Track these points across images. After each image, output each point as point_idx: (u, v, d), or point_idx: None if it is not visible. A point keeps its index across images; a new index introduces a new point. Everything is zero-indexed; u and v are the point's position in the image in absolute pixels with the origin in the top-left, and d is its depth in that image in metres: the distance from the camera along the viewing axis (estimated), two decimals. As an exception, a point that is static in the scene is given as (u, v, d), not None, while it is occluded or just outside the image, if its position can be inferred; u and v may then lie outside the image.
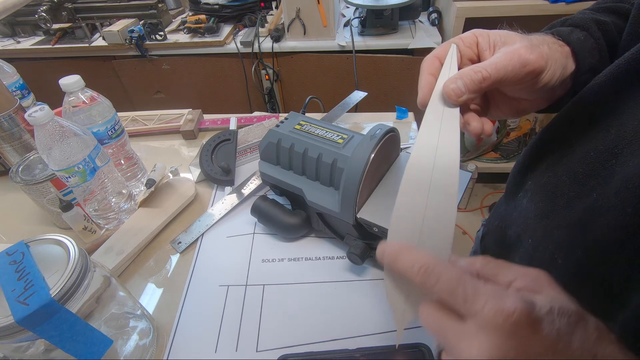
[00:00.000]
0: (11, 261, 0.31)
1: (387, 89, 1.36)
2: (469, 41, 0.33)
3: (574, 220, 0.31)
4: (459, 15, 1.16)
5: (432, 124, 0.32)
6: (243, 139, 0.70)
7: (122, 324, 0.40)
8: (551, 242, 0.33)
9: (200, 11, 1.41)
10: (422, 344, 0.39)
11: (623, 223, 0.25)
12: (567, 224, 0.31)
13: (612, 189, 0.27)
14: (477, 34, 0.34)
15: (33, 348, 0.31)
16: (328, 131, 0.48)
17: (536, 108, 0.37)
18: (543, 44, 0.32)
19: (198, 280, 0.49)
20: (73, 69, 1.34)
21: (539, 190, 0.36)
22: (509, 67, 0.29)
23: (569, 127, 0.35)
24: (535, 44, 0.31)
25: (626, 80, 0.30)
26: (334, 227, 0.50)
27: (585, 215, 0.29)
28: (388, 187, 0.46)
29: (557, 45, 0.33)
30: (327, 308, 0.44)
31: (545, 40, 0.33)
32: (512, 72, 0.29)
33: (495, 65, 0.29)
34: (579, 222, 0.30)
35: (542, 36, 0.33)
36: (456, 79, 0.30)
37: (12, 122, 0.61)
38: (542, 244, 0.34)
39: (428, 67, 0.34)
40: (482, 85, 0.29)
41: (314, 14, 1.22)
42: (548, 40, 0.33)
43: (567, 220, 0.31)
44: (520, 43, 0.31)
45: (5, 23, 1.42)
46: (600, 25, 0.34)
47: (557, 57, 0.32)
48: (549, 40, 0.33)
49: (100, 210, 0.55)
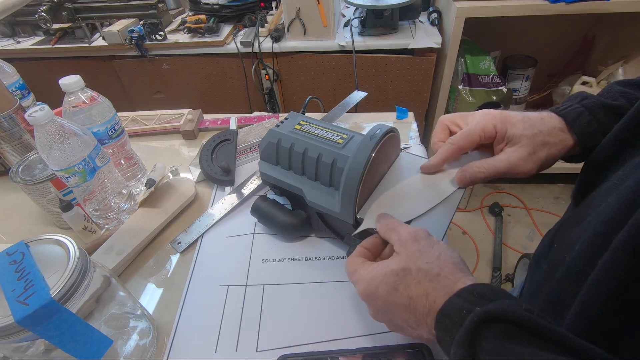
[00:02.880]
0: (11, 261, 0.31)
1: (387, 89, 1.36)
2: (489, 135, 0.42)
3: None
4: (459, 15, 1.16)
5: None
6: (243, 139, 0.70)
7: (122, 324, 0.40)
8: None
9: (200, 11, 1.41)
10: (422, 344, 0.39)
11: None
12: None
13: None
14: (498, 129, 0.42)
15: (33, 348, 0.31)
16: (328, 131, 0.48)
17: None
18: (543, 147, 0.40)
19: (198, 280, 0.49)
20: (73, 69, 1.34)
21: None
22: (504, 171, 0.41)
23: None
24: (536, 148, 0.40)
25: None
26: (334, 227, 0.50)
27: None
28: (388, 187, 0.46)
29: (560, 132, 0.41)
30: (327, 308, 0.44)
31: (551, 132, 0.41)
32: (506, 174, 0.41)
33: (495, 169, 0.41)
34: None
35: (551, 124, 0.41)
36: (465, 171, 0.43)
37: (12, 122, 0.61)
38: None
39: (440, 134, 0.47)
40: (480, 177, 0.42)
41: (314, 14, 1.22)
42: (554, 128, 0.41)
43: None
44: (523, 150, 0.40)
45: (5, 23, 1.42)
46: (612, 110, 0.40)
47: (554, 152, 0.41)
48: (556, 127, 0.41)
49: (100, 210, 0.55)
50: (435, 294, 0.30)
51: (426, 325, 0.30)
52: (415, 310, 0.31)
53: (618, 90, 0.42)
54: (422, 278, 0.31)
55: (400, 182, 0.47)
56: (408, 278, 0.32)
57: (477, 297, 0.27)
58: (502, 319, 0.25)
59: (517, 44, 1.57)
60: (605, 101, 0.41)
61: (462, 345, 0.25)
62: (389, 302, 0.32)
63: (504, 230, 1.56)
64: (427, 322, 0.30)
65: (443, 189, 0.45)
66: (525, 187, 1.75)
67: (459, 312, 0.27)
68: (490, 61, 1.37)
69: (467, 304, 0.27)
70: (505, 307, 0.25)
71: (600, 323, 0.28)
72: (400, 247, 0.35)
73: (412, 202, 0.44)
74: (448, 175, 0.46)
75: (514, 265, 1.40)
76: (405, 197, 0.45)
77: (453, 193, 0.44)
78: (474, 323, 0.25)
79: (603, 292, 0.27)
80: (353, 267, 0.37)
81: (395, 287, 0.32)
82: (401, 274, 0.32)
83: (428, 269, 0.32)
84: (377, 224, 0.40)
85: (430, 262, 0.32)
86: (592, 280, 0.28)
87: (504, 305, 0.25)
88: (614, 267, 0.26)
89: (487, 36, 1.47)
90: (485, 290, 0.28)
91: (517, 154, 0.40)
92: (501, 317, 0.25)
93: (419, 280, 0.31)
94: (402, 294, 0.32)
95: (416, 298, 0.31)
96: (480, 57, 1.37)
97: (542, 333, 0.24)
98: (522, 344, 0.24)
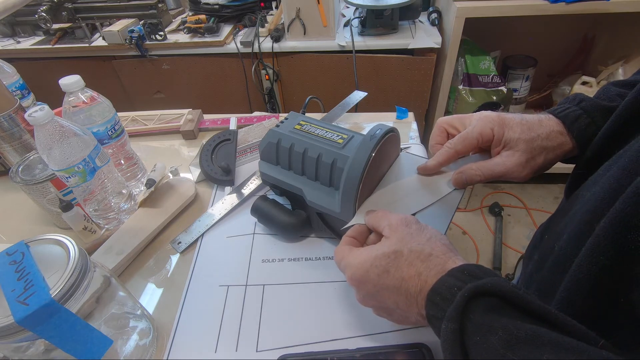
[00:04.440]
0: (11, 261, 0.31)
1: (387, 89, 1.36)
2: (487, 138, 0.43)
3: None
4: (459, 15, 1.16)
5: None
6: (243, 139, 0.70)
7: (122, 324, 0.40)
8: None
9: (200, 11, 1.41)
10: (422, 344, 0.39)
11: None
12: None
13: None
14: (495, 132, 0.42)
15: (33, 348, 0.31)
16: (328, 131, 0.48)
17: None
18: (541, 153, 0.41)
19: (198, 280, 0.49)
20: (73, 69, 1.34)
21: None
22: (500, 175, 0.42)
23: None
24: (534, 154, 0.41)
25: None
26: (334, 227, 0.50)
27: None
28: (388, 187, 0.46)
29: (559, 135, 0.41)
30: (327, 308, 0.44)
31: (550, 136, 0.41)
32: (502, 178, 0.42)
33: (491, 172, 0.42)
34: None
35: (549, 128, 0.41)
36: (462, 173, 0.43)
37: (12, 122, 0.60)
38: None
39: (437, 137, 0.47)
40: (475, 180, 0.43)
41: (314, 14, 1.22)
42: (553, 131, 0.41)
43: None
44: (521, 155, 0.41)
45: (5, 23, 1.42)
46: (610, 112, 0.39)
47: (552, 157, 0.42)
48: (555, 130, 0.41)
49: (100, 210, 0.55)
50: (427, 273, 0.31)
51: (416, 306, 0.31)
52: (406, 291, 0.31)
53: (614, 91, 0.42)
54: (414, 259, 0.32)
55: (398, 181, 0.47)
56: (400, 260, 0.32)
57: (468, 275, 0.28)
58: (490, 293, 0.26)
59: (517, 44, 1.57)
60: (602, 103, 0.41)
61: (452, 320, 0.26)
62: (380, 284, 0.33)
63: (504, 230, 1.56)
64: (417, 302, 0.31)
65: (439, 189, 0.45)
66: (525, 187, 1.75)
67: (450, 289, 0.28)
68: (490, 61, 1.37)
69: (458, 281, 0.28)
70: (494, 282, 0.26)
71: (583, 307, 0.29)
72: (391, 232, 0.35)
73: (407, 201, 0.45)
74: (445, 177, 0.46)
75: (514, 265, 1.40)
76: (402, 196, 0.45)
77: (451, 194, 0.44)
78: (464, 298, 0.26)
79: (585, 278, 0.28)
80: (341, 254, 0.38)
81: (387, 269, 0.33)
82: (392, 256, 0.33)
83: (420, 250, 0.32)
84: (365, 217, 0.41)
85: (422, 243, 0.33)
86: (575, 265, 0.29)
87: (492, 281, 0.27)
88: (595, 253, 0.27)
89: (487, 36, 1.47)
90: (475, 269, 0.29)
91: (514, 159, 0.41)
92: (489, 291, 0.26)
93: (411, 261, 0.32)
94: (393, 276, 0.32)
95: (408, 279, 0.31)
96: (480, 57, 1.37)
97: (527, 307, 0.25)
98: (506, 316, 0.25)
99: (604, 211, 0.27)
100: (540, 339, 0.23)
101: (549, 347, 0.22)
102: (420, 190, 0.46)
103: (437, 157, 0.45)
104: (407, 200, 0.45)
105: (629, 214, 0.25)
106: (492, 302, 0.26)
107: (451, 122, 0.47)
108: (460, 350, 0.26)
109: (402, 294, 0.32)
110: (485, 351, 0.24)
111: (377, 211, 0.40)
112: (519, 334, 0.23)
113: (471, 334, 0.25)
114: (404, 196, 0.45)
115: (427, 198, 0.44)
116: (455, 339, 0.26)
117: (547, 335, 0.23)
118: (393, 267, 0.32)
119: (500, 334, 0.24)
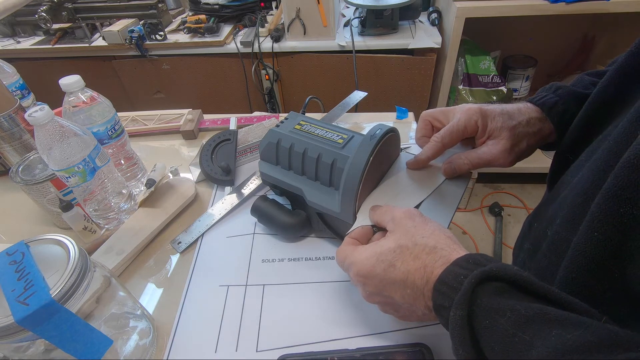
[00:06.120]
0: (11, 261, 0.31)
1: (387, 89, 1.36)
2: (471, 130, 0.44)
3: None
4: (459, 15, 1.16)
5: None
6: (243, 139, 0.70)
7: (122, 324, 0.40)
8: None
9: (200, 11, 1.41)
10: (422, 344, 0.39)
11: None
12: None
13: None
14: (479, 124, 0.44)
15: (33, 348, 0.31)
16: (328, 131, 0.48)
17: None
18: (524, 138, 0.43)
19: (198, 280, 0.49)
20: (73, 69, 1.35)
21: None
22: (487, 163, 0.44)
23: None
24: (517, 140, 0.43)
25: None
26: (334, 227, 0.50)
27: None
28: (388, 187, 0.47)
29: (538, 122, 0.44)
30: (327, 308, 0.44)
31: (530, 122, 0.44)
32: (489, 165, 0.44)
33: (479, 161, 0.44)
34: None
35: (528, 115, 0.44)
36: (451, 163, 0.45)
37: (12, 122, 0.61)
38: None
39: (423, 130, 0.49)
40: (464, 169, 0.45)
41: (314, 14, 1.22)
42: (532, 118, 0.44)
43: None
44: (506, 142, 0.43)
45: (5, 23, 1.42)
46: (584, 98, 0.41)
47: (533, 142, 0.44)
48: (533, 117, 0.44)
49: (100, 210, 0.55)
50: (433, 265, 0.31)
51: (423, 298, 0.31)
52: (413, 284, 0.32)
53: (588, 80, 0.45)
54: (420, 252, 0.32)
55: (390, 179, 0.48)
56: (405, 253, 0.33)
57: (473, 264, 0.29)
58: (496, 278, 0.27)
59: (517, 44, 1.57)
60: (577, 90, 0.44)
61: (461, 306, 0.26)
62: (386, 279, 0.33)
63: (504, 230, 1.56)
64: (424, 294, 0.31)
65: (432, 181, 0.46)
66: (525, 187, 1.75)
67: (457, 278, 0.28)
68: (490, 61, 1.37)
69: (464, 270, 0.28)
70: (499, 267, 0.27)
71: (582, 286, 0.29)
72: (394, 226, 0.36)
73: (403, 197, 0.45)
74: (435, 169, 0.48)
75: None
76: (397, 193, 0.46)
77: (453, 189, 0.45)
78: (472, 284, 0.27)
79: (582, 256, 0.29)
80: (344, 254, 0.38)
81: (393, 263, 0.33)
82: (398, 250, 0.33)
83: (424, 243, 0.33)
84: (369, 214, 0.41)
85: (426, 236, 0.33)
86: (574, 244, 0.29)
87: (497, 265, 0.27)
88: (591, 230, 0.28)
89: (487, 36, 1.47)
90: (480, 257, 0.29)
91: (499, 146, 0.43)
92: (495, 275, 0.27)
93: (416, 255, 0.32)
94: (399, 269, 0.32)
95: (414, 272, 0.32)
96: (480, 57, 1.37)
97: (532, 288, 0.26)
98: (513, 298, 0.26)
99: (596, 190, 0.28)
100: (547, 317, 0.23)
101: (557, 323, 0.23)
102: (414, 184, 0.47)
103: (426, 152, 0.46)
104: (402, 196, 0.45)
105: (621, 186, 0.26)
106: (498, 286, 0.27)
107: (435, 115, 0.48)
108: (469, 336, 0.26)
109: (408, 287, 0.32)
110: (496, 333, 0.25)
111: (381, 206, 0.40)
112: (527, 313, 0.24)
113: (480, 319, 0.26)
114: (399, 193, 0.46)
115: (422, 192, 0.45)
116: (464, 325, 0.26)
117: (554, 312, 0.24)
118: (399, 260, 0.33)
119: (509, 314, 0.24)
